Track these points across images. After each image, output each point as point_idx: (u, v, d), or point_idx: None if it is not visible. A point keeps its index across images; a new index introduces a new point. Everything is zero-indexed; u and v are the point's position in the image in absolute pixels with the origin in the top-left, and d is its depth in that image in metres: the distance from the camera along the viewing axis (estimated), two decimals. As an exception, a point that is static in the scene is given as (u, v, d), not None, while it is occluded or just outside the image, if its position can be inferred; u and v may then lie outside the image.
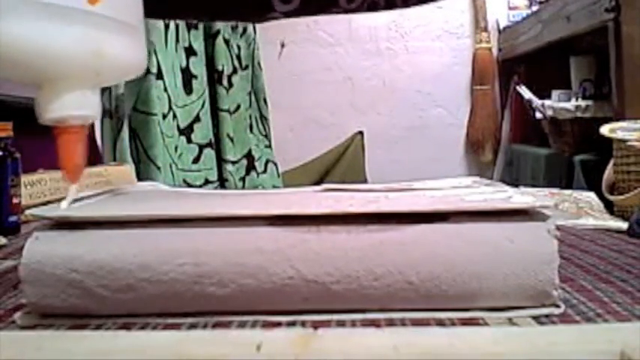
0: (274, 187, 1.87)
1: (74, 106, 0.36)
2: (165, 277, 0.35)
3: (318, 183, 0.77)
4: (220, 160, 1.69)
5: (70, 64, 0.35)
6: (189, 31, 1.60)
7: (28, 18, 0.33)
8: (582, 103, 1.54)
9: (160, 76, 1.47)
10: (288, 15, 0.63)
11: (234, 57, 1.79)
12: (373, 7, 0.63)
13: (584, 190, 0.87)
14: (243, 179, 1.78)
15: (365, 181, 2.14)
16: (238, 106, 1.78)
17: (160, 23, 1.46)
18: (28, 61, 0.34)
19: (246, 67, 1.86)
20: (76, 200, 0.41)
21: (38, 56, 0.34)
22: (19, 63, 0.35)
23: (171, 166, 1.49)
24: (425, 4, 0.66)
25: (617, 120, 0.94)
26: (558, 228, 0.37)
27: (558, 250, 0.35)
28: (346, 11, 0.63)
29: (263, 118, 1.93)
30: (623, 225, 0.65)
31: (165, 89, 1.48)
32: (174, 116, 1.54)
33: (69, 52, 0.35)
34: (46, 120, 0.37)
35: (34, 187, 0.84)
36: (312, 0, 0.63)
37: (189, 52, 1.60)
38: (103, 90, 1.20)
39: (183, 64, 1.60)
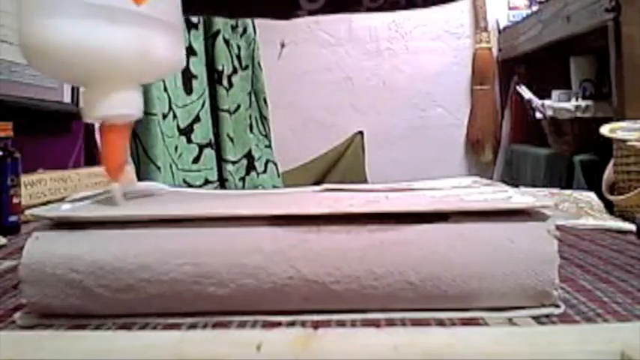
0: (274, 187, 1.87)
1: (118, 105, 0.37)
2: (165, 277, 0.35)
3: (318, 183, 0.77)
4: (220, 160, 1.69)
5: (118, 63, 0.35)
6: (189, 30, 1.60)
7: (77, 18, 0.33)
8: (582, 103, 1.54)
9: (160, 76, 1.46)
10: (312, 13, 0.62)
11: (234, 57, 1.79)
12: (395, 5, 0.62)
13: (584, 190, 0.87)
14: (243, 179, 1.78)
15: (365, 181, 2.14)
16: (238, 106, 1.78)
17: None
18: (77, 61, 0.34)
19: (246, 67, 1.86)
20: (76, 200, 0.41)
21: (87, 56, 0.34)
22: (68, 63, 0.35)
23: (171, 166, 1.49)
24: (444, 4, 0.65)
25: (617, 120, 0.94)
26: (558, 228, 0.37)
27: (558, 250, 0.35)
28: (369, 10, 0.63)
29: (263, 118, 1.93)
30: (623, 225, 0.65)
31: (165, 89, 1.48)
32: (175, 116, 1.54)
33: (117, 52, 0.35)
34: (91, 118, 0.37)
35: (34, 187, 0.84)
36: None
37: (190, 51, 1.60)
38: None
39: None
